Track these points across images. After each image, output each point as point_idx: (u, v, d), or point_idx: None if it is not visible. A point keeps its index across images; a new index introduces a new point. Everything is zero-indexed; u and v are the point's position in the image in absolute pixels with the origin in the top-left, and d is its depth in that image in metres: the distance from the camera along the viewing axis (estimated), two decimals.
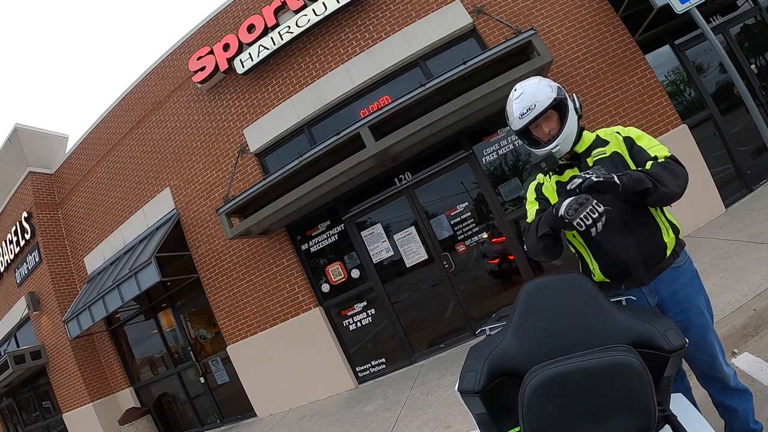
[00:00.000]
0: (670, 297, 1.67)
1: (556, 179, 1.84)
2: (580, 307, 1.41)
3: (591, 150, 1.77)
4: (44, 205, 8.39)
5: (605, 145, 1.76)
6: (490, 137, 5.66)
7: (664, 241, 1.67)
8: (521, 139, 1.85)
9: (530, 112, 1.70)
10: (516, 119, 1.75)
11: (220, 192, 6.53)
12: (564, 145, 1.72)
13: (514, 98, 1.76)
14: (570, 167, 1.80)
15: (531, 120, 1.71)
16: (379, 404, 4.77)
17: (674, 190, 1.55)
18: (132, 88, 7.51)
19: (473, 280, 5.81)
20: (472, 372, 1.41)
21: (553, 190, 1.84)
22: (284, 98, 6.33)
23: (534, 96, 1.70)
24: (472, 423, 1.46)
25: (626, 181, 1.50)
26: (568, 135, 1.72)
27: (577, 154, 1.80)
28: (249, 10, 6.44)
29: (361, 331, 6.08)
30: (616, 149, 1.73)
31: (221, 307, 6.71)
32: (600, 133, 1.82)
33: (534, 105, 1.69)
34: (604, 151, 1.74)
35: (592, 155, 1.75)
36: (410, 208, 5.86)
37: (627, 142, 1.73)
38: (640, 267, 1.66)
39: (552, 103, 1.69)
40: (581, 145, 1.80)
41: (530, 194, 1.95)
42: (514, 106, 1.75)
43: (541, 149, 1.76)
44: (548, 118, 1.73)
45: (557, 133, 1.72)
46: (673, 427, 1.26)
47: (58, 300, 7.93)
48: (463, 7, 5.75)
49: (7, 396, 9.55)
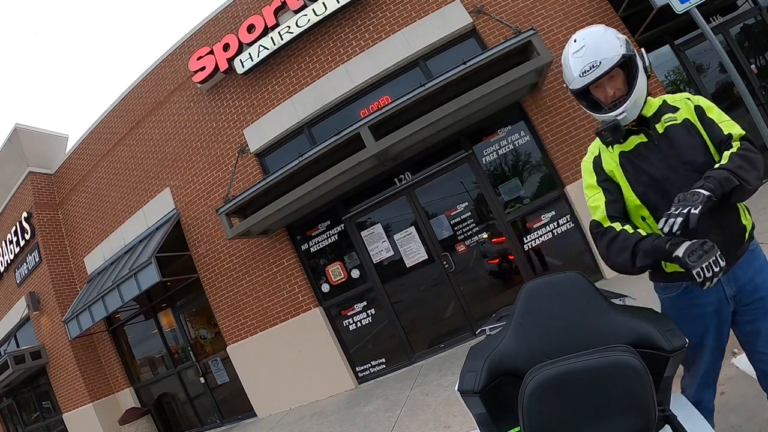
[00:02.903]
0: (748, 283, 1.49)
1: (619, 150, 1.58)
2: (580, 307, 1.41)
3: (660, 115, 1.55)
4: (44, 205, 8.39)
5: (675, 111, 1.54)
6: (490, 137, 5.67)
7: (743, 224, 1.49)
8: (578, 99, 1.60)
9: (594, 70, 1.45)
10: (575, 77, 1.50)
11: (220, 192, 6.53)
12: (632, 111, 1.49)
13: (573, 51, 1.50)
14: (635, 133, 1.56)
15: (594, 79, 1.47)
16: (379, 404, 4.77)
17: (755, 185, 1.36)
18: (132, 88, 7.52)
19: (473, 280, 5.82)
20: (472, 372, 1.41)
21: (617, 165, 1.58)
22: (284, 98, 6.33)
23: (599, 50, 1.44)
24: (472, 423, 1.46)
25: (716, 189, 1.30)
26: (638, 99, 1.48)
27: (644, 118, 1.56)
28: (249, 10, 6.44)
29: (361, 331, 6.08)
30: (688, 116, 1.52)
31: (221, 307, 6.71)
32: (667, 99, 1.60)
33: (599, 62, 1.44)
34: (674, 117, 1.53)
35: (662, 121, 1.54)
36: (410, 208, 5.87)
37: (697, 110, 1.53)
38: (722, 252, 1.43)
39: (620, 60, 1.44)
40: (648, 108, 1.56)
41: (588, 175, 1.66)
42: (573, 61, 1.50)
43: (604, 114, 1.52)
44: (613, 78, 1.49)
45: (623, 96, 1.49)
46: (673, 427, 1.26)
47: (58, 300, 7.93)
48: (463, 7, 5.75)
49: (7, 396, 9.55)
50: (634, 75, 1.48)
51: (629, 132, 1.56)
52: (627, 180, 1.56)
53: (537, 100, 5.45)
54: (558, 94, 5.41)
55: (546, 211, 5.47)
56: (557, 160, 5.38)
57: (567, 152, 5.35)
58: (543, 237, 5.46)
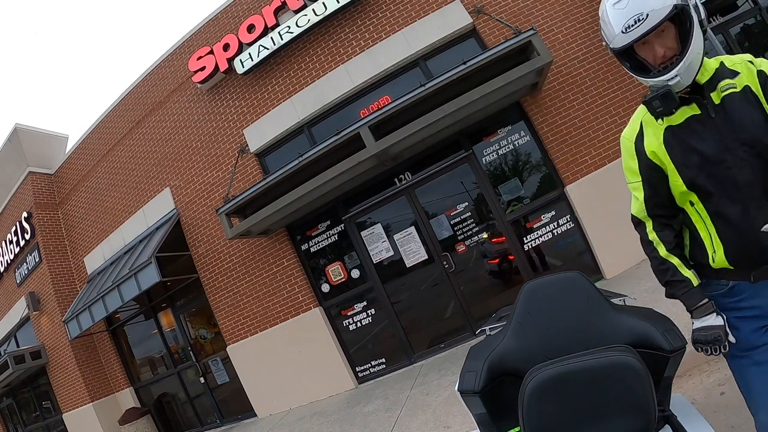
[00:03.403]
0: None
1: (667, 123, 1.33)
2: (580, 307, 1.41)
3: (716, 82, 1.29)
4: (44, 205, 8.39)
5: (734, 77, 1.28)
6: (490, 137, 5.66)
7: None
8: (621, 60, 1.32)
9: (640, 25, 1.18)
10: (618, 33, 1.23)
11: (220, 192, 6.53)
12: (686, 75, 1.22)
13: (613, 2, 1.23)
14: (686, 103, 1.29)
15: (641, 36, 1.20)
16: (379, 404, 4.77)
17: None
18: (132, 88, 7.52)
19: (473, 280, 5.81)
20: (472, 372, 1.41)
21: (660, 144, 1.34)
22: (284, 98, 6.33)
23: (645, 1, 1.18)
24: (472, 423, 1.46)
25: None
26: (693, 61, 1.22)
27: (698, 85, 1.29)
28: (249, 10, 6.44)
29: (361, 331, 6.08)
30: (749, 83, 1.26)
31: (221, 307, 6.71)
32: (725, 61, 1.33)
33: (646, 14, 1.17)
34: (733, 84, 1.27)
35: (718, 89, 1.27)
36: (410, 208, 5.86)
37: (761, 76, 1.26)
38: None
39: (671, 12, 1.17)
40: (704, 73, 1.29)
41: (629, 156, 1.42)
42: (613, 13, 1.23)
43: (653, 78, 1.25)
44: (663, 34, 1.22)
45: (675, 56, 1.23)
46: (673, 427, 1.27)
47: (58, 300, 7.92)
48: (463, 7, 5.75)
49: (7, 396, 9.55)
50: (688, 31, 1.21)
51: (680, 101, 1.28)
52: (672, 162, 1.32)
53: (537, 100, 5.44)
54: (558, 94, 5.41)
55: (546, 211, 5.47)
56: (557, 160, 5.38)
57: (567, 152, 5.35)
58: (543, 237, 5.46)
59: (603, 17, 1.28)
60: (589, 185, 5.22)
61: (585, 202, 5.22)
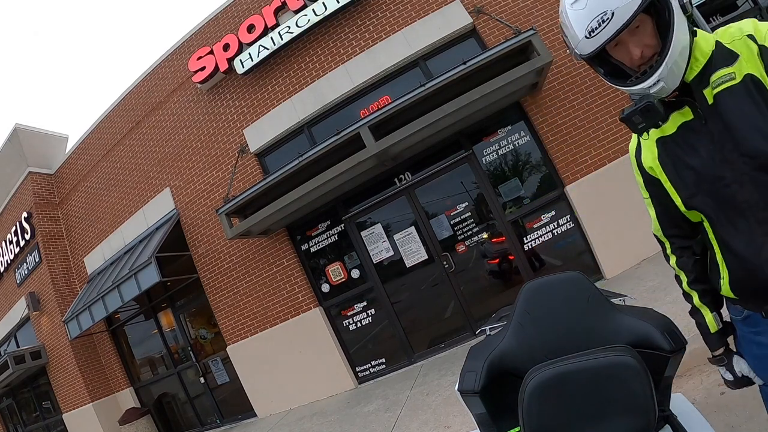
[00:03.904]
0: None
1: (657, 136, 1.12)
2: (580, 307, 1.41)
3: (709, 73, 1.02)
4: (44, 205, 8.39)
5: (732, 62, 0.99)
6: (490, 137, 5.66)
7: None
8: (593, 66, 1.09)
9: (606, 26, 0.94)
10: (582, 39, 1.00)
11: (220, 192, 6.53)
12: (671, 77, 0.97)
13: (570, 2, 0.99)
14: (678, 107, 1.06)
15: (608, 39, 0.96)
16: (379, 404, 4.77)
17: None
18: (132, 88, 7.52)
19: (473, 280, 5.81)
20: (472, 372, 1.41)
21: (654, 158, 1.14)
22: (284, 98, 6.33)
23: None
24: (472, 423, 1.46)
25: None
26: (678, 58, 0.97)
27: (686, 85, 1.03)
28: (249, 10, 6.44)
29: (361, 331, 6.08)
30: (751, 70, 0.98)
31: (221, 307, 6.71)
32: (722, 38, 1.03)
33: (611, 13, 0.93)
34: (731, 74, 0.99)
35: (711, 84, 1.01)
36: (410, 208, 5.86)
37: (763, 54, 0.97)
38: None
39: (641, 5, 0.92)
40: (693, 66, 1.02)
41: (636, 171, 1.25)
42: (572, 15, 0.99)
43: (631, 86, 1.02)
44: (638, 30, 0.99)
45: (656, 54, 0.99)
46: (673, 427, 1.26)
47: (58, 300, 7.93)
48: (463, 7, 5.75)
49: (7, 396, 9.55)
50: (668, 21, 0.96)
51: (671, 106, 1.06)
52: (668, 179, 1.13)
53: (537, 100, 5.44)
54: (558, 94, 5.41)
55: (546, 211, 5.47)
56: (557, 160, 5.38)
57: (567, 152, 5.35)
58: (543, 237, 5.46)
59: (563, 20, 1.04)
60: (589, 185, 5.23)
61: (585, 202, 5.22)
